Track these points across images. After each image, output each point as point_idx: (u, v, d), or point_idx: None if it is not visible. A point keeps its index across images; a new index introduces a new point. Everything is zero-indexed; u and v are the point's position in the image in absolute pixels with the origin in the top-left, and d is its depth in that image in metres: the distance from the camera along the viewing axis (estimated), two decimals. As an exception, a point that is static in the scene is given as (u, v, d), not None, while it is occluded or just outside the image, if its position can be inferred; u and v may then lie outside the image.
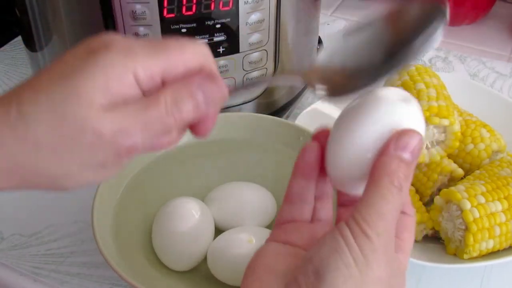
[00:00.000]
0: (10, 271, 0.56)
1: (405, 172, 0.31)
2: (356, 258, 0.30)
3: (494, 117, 0.65)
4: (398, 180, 0.31)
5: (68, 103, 0.29)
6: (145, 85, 0.31)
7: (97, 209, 0.50)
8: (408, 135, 0.31)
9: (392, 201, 0.31)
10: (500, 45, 0.89)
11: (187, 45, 0.32)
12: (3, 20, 0.81)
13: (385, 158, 0.31)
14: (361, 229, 0.30)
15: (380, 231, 0.30)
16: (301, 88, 0.72)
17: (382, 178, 0.31)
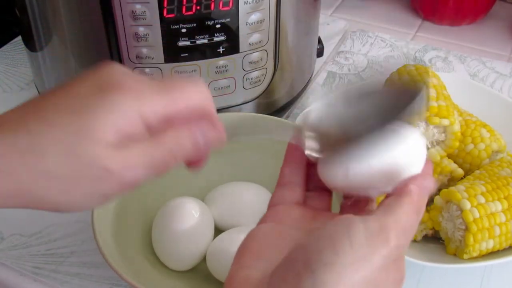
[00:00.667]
0: (10, 271, 0.56)
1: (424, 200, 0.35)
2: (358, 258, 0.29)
3: (494, 117, 0.65)
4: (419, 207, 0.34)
5: (79, 140, 0.31)
6: (150, 123, 0.33)
7: (97, 209, 0.50)
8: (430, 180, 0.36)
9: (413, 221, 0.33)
10: (500, 45, 0.90)
11: (189, 86, 0.34)
12: (3, 20, 0.81)
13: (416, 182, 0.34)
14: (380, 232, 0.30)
15: (399, 244, 0.31)
16: (301, 88, 0.73)
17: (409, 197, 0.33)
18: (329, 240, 0.30)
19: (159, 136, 0.33)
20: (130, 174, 0.32)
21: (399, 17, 0.96)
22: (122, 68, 0.34)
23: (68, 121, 0.31)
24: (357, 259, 0.29)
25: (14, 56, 0.84)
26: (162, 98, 0.33)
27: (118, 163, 0.31)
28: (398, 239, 0.30)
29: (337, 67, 0.83)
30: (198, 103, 0.35)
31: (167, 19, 0.54)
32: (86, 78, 0.33)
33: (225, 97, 0.62)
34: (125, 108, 0.32)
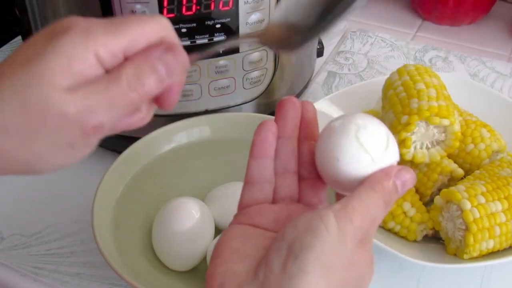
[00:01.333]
0: (10, 271, 0.56)
1: (393, 197, 0.34)
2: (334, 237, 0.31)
3: (494, 117, 0.65)
4: (389, 198, 0.34)
5: (31, 86, 0.29)
6: (108, 64, 0.31)
7: (97, 209, 0.50)
8: (410, 173, 0.35)
9: (380, 208, 0.33)
10: (500, 45, 0.90)
11: (146, 19, 0.32)
12: (3, 20, 0.81)
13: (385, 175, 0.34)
14: (346, 213, 0.31)
15: (364, 225, 0.32)
16: (301, 88, 0.72)
17: (379, 189, 0.33)
18: (306, 227, 0.31)
19: (115, 72, 0.31)
20: (90, 117, 0.30)
21: (399, 17, 0.96)
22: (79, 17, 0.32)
23: (18, 71, 0.30)
24: (333, 241, 0.31)
25: (14, 56, 0.84)
26: (118, 35, 0.31)
27: (75, 106, 0.30)
28: (362, 220, 0.32)
29: (337, 67, 0.83)
30: (158, 36, 0.32)
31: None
32: (40, 31, 0.32)
33: (225, 97, 0.62)
34: (77, 48, 0.30)
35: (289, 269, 0.30)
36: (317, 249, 0.30)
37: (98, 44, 0.30)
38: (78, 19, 0.32)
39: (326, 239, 0.30)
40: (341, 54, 0.86)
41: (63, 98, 0.30)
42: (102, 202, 0.51)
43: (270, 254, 0.31)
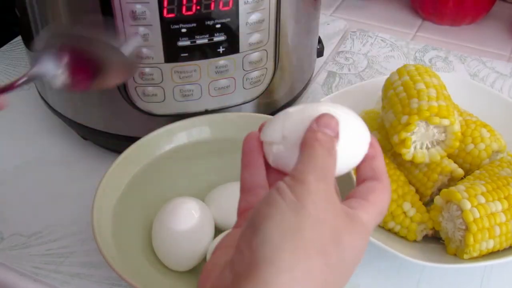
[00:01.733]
0: (10, 271, 0.56)
1: (330, 142, 0.34)
2: (290, 203, 0.30)
3: (494, 117, 0.65)
4: (326, 144, 0.33)
5: None
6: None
7: (97, 209, 0.50)
8: (325, 117, 0.35)
9: (324, 157, 0.33)
10: (500, 45, 0.90)
11: None
12: (3, 20, 0.81)
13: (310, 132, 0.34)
14: (295, 179, 0.31)
15: (316, 178, 0.31)
16: (301, 88, 0.72)
17: (312, 142, 0.33)
18: (263, 201, 0.31)
19: None
20: None
21: (399, 17, 0.96)
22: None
23: None
24: (291, 204, 0.30)
25: (14, 56, 0.84)
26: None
27: None
28: (314, 176, 0.31)
29: (337, 67, 0.83)
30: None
31: (167, 19, 0.54)
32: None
33: (225, 97, 0.62)
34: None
35: (254, 244, 0.30)
36: (275, 217, 0.30)
37: None
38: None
39: (283, 206, 0.30)
40: (341, 54, 0.86)
41: None
42: (102, 202, 0.51)
43: (239, 238, 0.31)
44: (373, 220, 0.34)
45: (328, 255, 0.30)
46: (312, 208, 0.30)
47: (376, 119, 0.65)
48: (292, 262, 0.29)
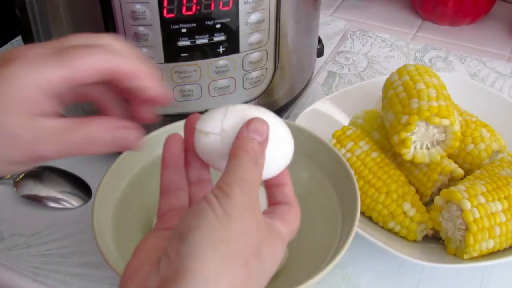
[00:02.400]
0: (10, 271, 0.56)
1: (258, 149, 0.35)
2: (218, 215, 0.31)
3: (494, 117, 0.65)
4: (254, 153, 0.34)
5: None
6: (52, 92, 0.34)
7: (97, 209, 0.50)
8: (255, 122, 0.36)
9: (250, 169, 0.34)
10: (500, 45, 0.90)
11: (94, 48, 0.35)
12: (3, 20, 0.81)
13: (240, 139, 0.35)
14: (223, 191, 0.32)
15: (242, 192, 0.32)
16: (301, 88, 0.72)
17: (240, 152, 0.34)
18: (192, 211, 0.32)
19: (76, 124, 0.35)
20: (41, 149, 0.34)
21: (399, 17, 0.96)
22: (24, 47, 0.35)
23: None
24: (219, 215, 0.31)
25: (14, 56, 0.84)
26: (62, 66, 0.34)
27: (30, 135, 0.33)
28: (239, 189, 0.33)
29: (337, 67, 0.83)
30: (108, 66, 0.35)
31: (167, 19, 0.54)
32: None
33: (225, 97, 0.62)
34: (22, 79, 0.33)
35: (181, 252, 0.30)
36: (204, 229, 0.31)
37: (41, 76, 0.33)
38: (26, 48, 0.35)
39: (211, 217, 0.31)
40: (341, 54, 0.86)
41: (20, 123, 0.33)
42: (102, 202, 0.51)
43: (167, 243, 0.32)
44: (288, 235, 0.36)
45: (250, 266, 0.32)
46: (239, 221, 0.32)
47: (376, 119, 0.65)
48: (218, 273, 0.30)
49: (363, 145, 0.60)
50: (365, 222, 0.57)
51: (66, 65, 0.34)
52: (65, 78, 0.34)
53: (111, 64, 0.35)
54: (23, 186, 0.63)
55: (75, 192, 0.63)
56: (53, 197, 0.62)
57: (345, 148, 0.60)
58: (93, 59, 0.35)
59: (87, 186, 0.64)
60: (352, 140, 0.60)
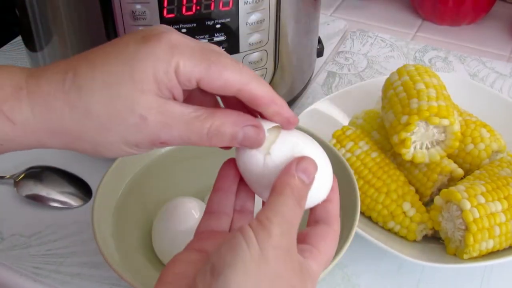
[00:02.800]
0: (10, 271, 0.56)
1: (303, 190, 0.35)
2: (254, 255, 0.30)
3: (494, 117, 0.65)
4: (299, 194, 0.34)
5: (123, 85, 0.33)
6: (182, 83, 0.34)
7: (97, 209, 0.50)
8: (306, 162, 0.35)
9: (293, 209, 0.33)
10: (500, 45, 0.90)
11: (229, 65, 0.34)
12: (3, 20, 0.81)
13: (287, 175, 0.34)
14: (263, 227, 0.31)
15: (282, 232, 0.32)
16: (301, 88, 0.73)
17: (285, 189, 0.34)
18: (228, 245, 0.31)
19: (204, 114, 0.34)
20: (164, 134, 0.34)
21: (399, 17, 0.96)
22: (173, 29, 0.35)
23: (112, 67, 0.33)
24: (255, 255, 0.30)
25: (14, 56, 0.84)
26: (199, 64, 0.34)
27: (156, 117, 0.33)
28: (280, 228, 0.32)
29: (337, 67, 0.83)
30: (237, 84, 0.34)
31: (167, 19, 0.54)
32: (134, 32, 0.35)
33: (225, 97, 0.62)
34: (162, 61, 0.33)
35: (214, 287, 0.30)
36: (238, 267, 0.30)
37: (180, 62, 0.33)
38: (172, 30, 0.35)
39: (247, 256, 0.30)
40: (341, 54, 0.86)
41: (149, 105, 0.33)
42: (102, 202, 0.51)
43: (196, 275, 0.31)
44: (321, 268, 0.35)
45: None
46: (273, 263, 0.31)
47: (376, 119, 0.65)
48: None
49: (363, 145, 0.60)
50: (365, 222, 0.57)
51: (210, 70, 0.34)
52: (200, 79, 0.34)
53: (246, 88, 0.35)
54: (23, 186, 0.63)
55: (75, 192, 0.63)
56: (53, 197, 0.62)
57: (345, 148, 0.60)
58: (234, 77, 0.34)
59: (87, 186, 0.64)
60: (352, 140, 0.60)
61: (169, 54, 0.33)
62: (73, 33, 0.58)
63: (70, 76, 0.33)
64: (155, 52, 0.33)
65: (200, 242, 0.37)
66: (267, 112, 0.36)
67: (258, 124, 0.36)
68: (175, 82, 0.33)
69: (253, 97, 0.35)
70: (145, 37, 0.34)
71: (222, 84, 0.34)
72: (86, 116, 0.33)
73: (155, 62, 0.33)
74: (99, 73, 0.33)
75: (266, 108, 0.36)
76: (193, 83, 0.34)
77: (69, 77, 0.33)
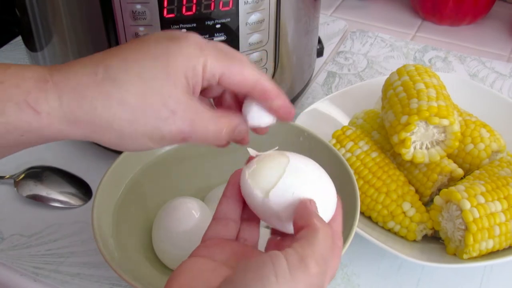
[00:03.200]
0: (10, 271, 0.56)
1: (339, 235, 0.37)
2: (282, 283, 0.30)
3: (494, 117, 0.65)
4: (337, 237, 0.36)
5: (157, 80, 0.34)
6: (206, 78, 0.36)
7: (97, 209, 0.50)
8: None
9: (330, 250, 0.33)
10: (500, 45, 0.90)
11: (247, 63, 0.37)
12: (3, 20, 0.81)
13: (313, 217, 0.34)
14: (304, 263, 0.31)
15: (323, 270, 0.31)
16: (301, 88, 0.73)
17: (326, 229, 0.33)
18: (255, 273, 0.30)
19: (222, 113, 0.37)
20: (187, 129, 0.35)
21: (399, 17, 0.96)
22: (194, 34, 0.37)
23: (146, 62, 0.34)
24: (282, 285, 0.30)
25: (14, 56, 0.84)
26: (222, 61, 0.36)
27: (186, 114, 0.35)
28: (318, 265, 0.31)
29: (337, 67, 0.83)
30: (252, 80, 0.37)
31: (167, 19, 0.54)
32: (157, 33, 0.37)
33: (225, 97, 0.62)
34: (193, 58, 0.35)
35: None
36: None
37: (208, 60, 0.35)
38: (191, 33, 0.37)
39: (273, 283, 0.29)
40: (341, 54, 0.86)
41: (180, 100, 0.35)
42: (102, 202, 0.51)
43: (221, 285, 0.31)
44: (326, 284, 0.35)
45: None
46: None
47: (376, 119, 0.65)
48: None
49: (362, 145, 0.60)
50: (365, 222, 0.57)
51: (231, 66, 0.36)
52: (223, 74, 0.36)
53: (260, 83, 0.37)
54: (23, 186, 0.63)
55: (75, 192, 0.63)
56: (53, 197, 0.62)
57: (345, 148, 0.60)
58: (251, 73, 0.37)
59: (87, 186, 0.64)
60: (352, 140, 0.60)
61: (198, 52, 0.35)
62: (73, 33, 0.58)
63: (101, 69, 0.34)
64: (186, 50, 0.35)
65: (207, 249, 0.37)
66: (274, 105, 0.38)
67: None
68: (200, 78, 0.35)
69: (265, 91, 0.37)
70: (173, 37, 0.36)
71: (241, 79, 0.36)
72: (120, 105, 0.34)
73: (187, 58, 0.35)
74: (132, 67, 0.34)
75: (273, 101, 0.38)
76: (216, 77, 0.36)
77: (101, 70, 0.34)
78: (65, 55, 0.61)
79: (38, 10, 0.59)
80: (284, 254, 0.31)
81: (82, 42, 0.59)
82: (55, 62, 0.63)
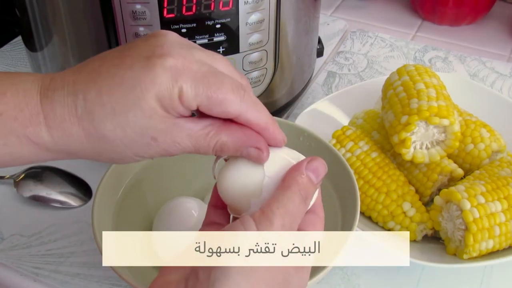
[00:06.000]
0: (10, 271, 0.56)
1: (310, 189, 0.36)
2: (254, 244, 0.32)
3: (494, 117, 0.65)
4: (305, 192, 0.35)
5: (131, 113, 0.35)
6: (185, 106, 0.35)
7: (97, 209, 0.50)
8: (317, 162, 0.37)
9: (298, 205, 0.35)
10: (500, 45, 0.90)
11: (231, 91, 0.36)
12: (3, 20, 0.81)
13: (297, 172, 0.36)
14: (265, 216, 0.33)
15: (284, 224, 0.33)
16: (301, 88, 0.73)
17: (293, 186, 0.35)
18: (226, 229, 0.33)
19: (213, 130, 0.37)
20: (173, 150, 0.37)
21: (399, 17, 0.96)
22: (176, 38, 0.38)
23: (120, 92, 0.35)
24: None
25: (14, 56, 0.84)
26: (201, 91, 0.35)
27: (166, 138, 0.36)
28: (282, 220, 0.33)
29: (337, 67, 0.83)
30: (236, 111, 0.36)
31: (167, 19, 0.54)
32: (138, 44, 0.37)
33: (225, 97, 0.62)
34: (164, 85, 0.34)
35: (213, 275, 0.31)
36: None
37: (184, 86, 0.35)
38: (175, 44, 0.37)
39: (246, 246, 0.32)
40: (341, 54, 0.86)
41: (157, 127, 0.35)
42: (102, 202, 0.51)
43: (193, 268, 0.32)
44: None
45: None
46: None
47: (376, 119, 0.65)
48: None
49: (363, 145, 0.60)
50: (365, 222, 0.57)
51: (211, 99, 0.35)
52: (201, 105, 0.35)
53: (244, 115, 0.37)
54: (23, 186, 0.63)
55: (75, 192, 0.63)
56: (53, 197, 0.62)
57: (345, 148, 0.60)
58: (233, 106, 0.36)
59: (87, 186, 0.64)
60: (352, 140, 0.60)
61: (173, 81, 0.35)
62: (73, 33, 0.58)
63: (81, 101, 0.35)
64: (160, 80, 0.34)
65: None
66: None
67: (261, 146, 0.37)
68: (178, 104, 0.35)
69: (249, 124, 0.37)
70: (149, 58, 0.35)
71: (220, 111, 0.36)
72: (102, 141, 0.36)
73: (160, 89, 0.34)
74: (107, 100, 0.35)
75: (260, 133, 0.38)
76: (194, 108, 0.36)
77: (80, 102, 0.35)
78: (65, 55, 0.61)
79: (38, 10, 0.59)
80: (252, 216, 0.33)
81: (82, 42, 0.59)
82: (55, 62, 0.63)
